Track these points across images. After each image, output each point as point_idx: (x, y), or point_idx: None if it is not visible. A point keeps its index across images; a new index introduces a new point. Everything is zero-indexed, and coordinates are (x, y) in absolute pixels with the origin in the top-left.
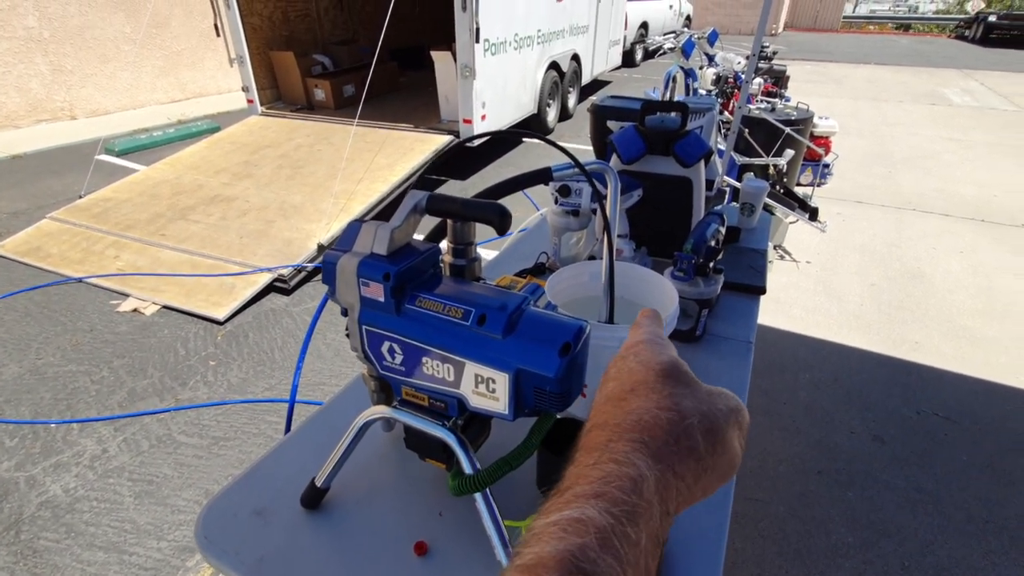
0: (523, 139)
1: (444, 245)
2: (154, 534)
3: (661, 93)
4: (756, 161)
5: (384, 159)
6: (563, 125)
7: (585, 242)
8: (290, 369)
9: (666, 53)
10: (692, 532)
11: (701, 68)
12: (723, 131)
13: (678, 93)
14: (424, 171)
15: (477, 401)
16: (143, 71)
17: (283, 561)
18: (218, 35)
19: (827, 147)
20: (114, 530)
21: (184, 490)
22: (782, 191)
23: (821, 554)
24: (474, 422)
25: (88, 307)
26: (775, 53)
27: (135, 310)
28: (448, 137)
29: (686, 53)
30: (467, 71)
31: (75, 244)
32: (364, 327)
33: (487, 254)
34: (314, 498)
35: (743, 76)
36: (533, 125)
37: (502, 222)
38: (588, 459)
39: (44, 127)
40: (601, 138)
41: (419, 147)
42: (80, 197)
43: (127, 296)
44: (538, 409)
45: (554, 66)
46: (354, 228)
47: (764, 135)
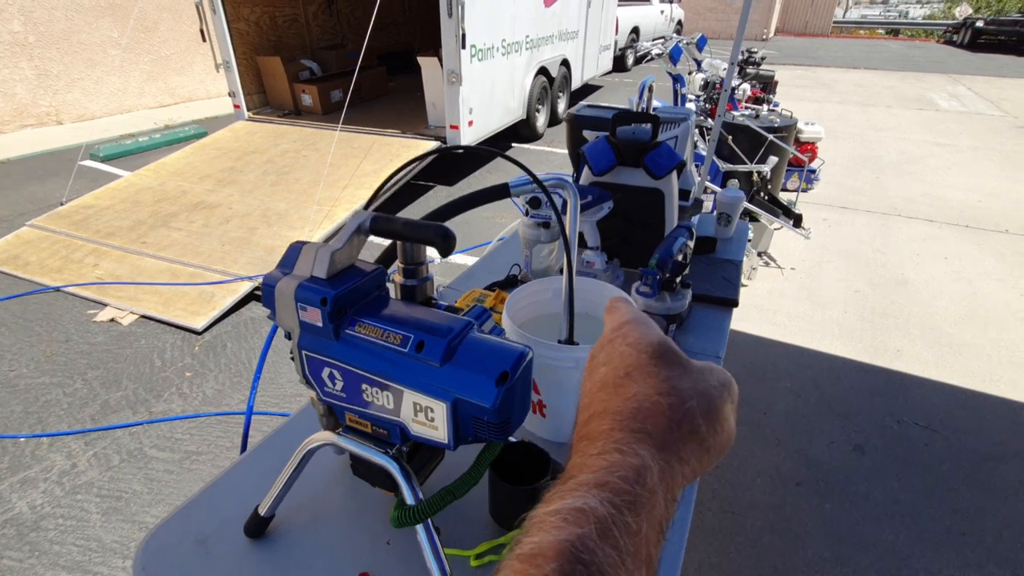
0: (499, 150)
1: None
2: (120, 552)
3: (635, 103)
4: (740, 168)
5: (370, 165)
6: (553, 130)
7: (557, 254)
8: (269, 380)
9: (654, 59)
10: None
11: (691, 74)
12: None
13: (664, 100)
14: (402, 178)
15: (417, 429)
16: (131, 76)
17: None
18: (204, 40)
19: (813, 153)
20: (79, 549)
21: (153, 507)
22: (766, 198)
23: (797, 570)
24: (422, 449)
25: (64, 317)
26: (763, 59)
27: (112, 320)
28: (435, 143)
29: (673, 59)
30: (453, 77)
31: (54, 252)
32: (304, 352)
33: (469, 261)
34: (258, 527)
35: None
36: (522, 130)
37: (444, 244)
38: (591, 448)
39: (29, 132)
40: (577, 148)
41: (405, 153)
42: (61, 204)
43: (105, 305)
44: (478, 438)
45: (543, 71)
46: (295, 249)
47: (748, 142)
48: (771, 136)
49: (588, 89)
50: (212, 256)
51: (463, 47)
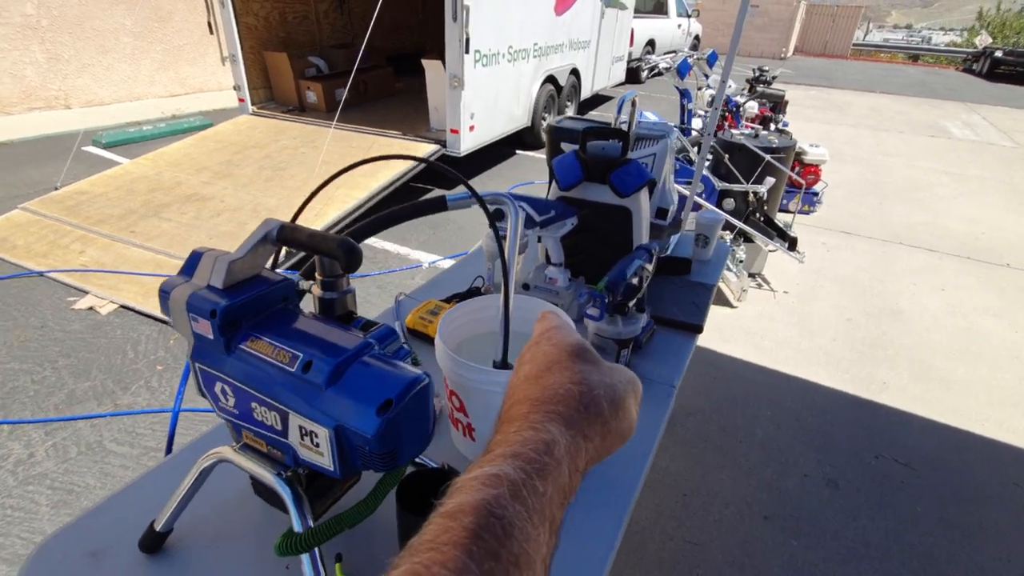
0: (510, 151)
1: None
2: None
3: (614, 119)
4: (736, 187)
5: (367, 165)
6: None
7: (523, 267)
8: None
9: (661, 73)
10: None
11: (700, 89)
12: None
13: (661, 116)
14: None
15: (305, 454)
16: (142, 64)
17: None
18: (211, 33)
19: (816, 175)
20: (23, 542)
21: None
22: (762, 219)
23: None
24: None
25: (44, 303)
26: (774, 77)
27: (91, 308)
28: (434, 146)
29: (681, 73)
30: (455, 81)
31: (42, 236)
32: (197, 364)
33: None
34: (153, 542)
35: (735, 99)
36: (527, 138)
37: (348, 259)
38: (510, 428)
39: (37, 115)
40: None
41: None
42: (56, 188)
43: (85, 293)
44: (367, 467)
45: (551, 80)
46: (196, 255)
47: (746, 161)
48: (768, 157)
49: (599, 99)
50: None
51: (466, 52)
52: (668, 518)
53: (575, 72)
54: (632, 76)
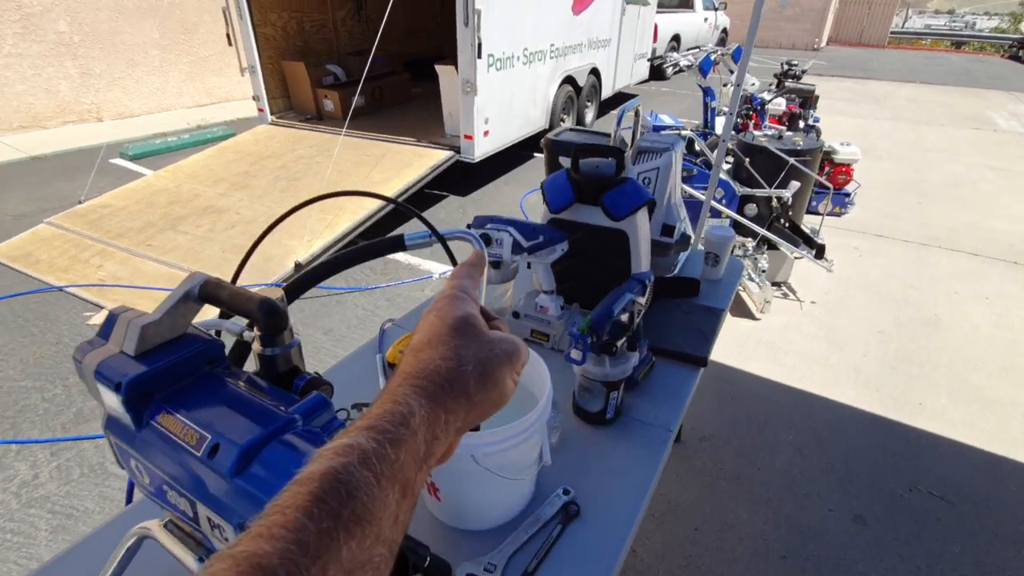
0: (527, 153)
1: None
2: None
3: (613, 130)
4: (758, 192)
5: (380, 173)
6: None
7: (512, 294)
8: None
9: (683, 70)
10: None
11: (726, 86)
12: (734, 158)
13: (677, 119)
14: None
15: (219, 547)
16: (170, 76)
17: None
18: (230, 44)
19: (848, 175)
20: (19, 568)
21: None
22: (786, 225)
23: None
24: None
25: (61, 318)
26: (804, 71)
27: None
28: (448, 153)
29: (703, 71)
30: (468, 87)
31: (65, 251)
32: (110, 436)
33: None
34: None
35: (759, 97)
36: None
37: (267, 323)
38: (378, 400)
39: (70, 129)
40: None
41: (417, 162)
42: (80, 202)
43: (101, 308)
44: None
45: (569, 80)
46: (111, 318)
47: (770, 164)
48: (792, 160)
49: (621, 98)
50: (211, 262)
51: (479, 56)
52: (676, 555)
53: (595, 72)
54: (657, 73)
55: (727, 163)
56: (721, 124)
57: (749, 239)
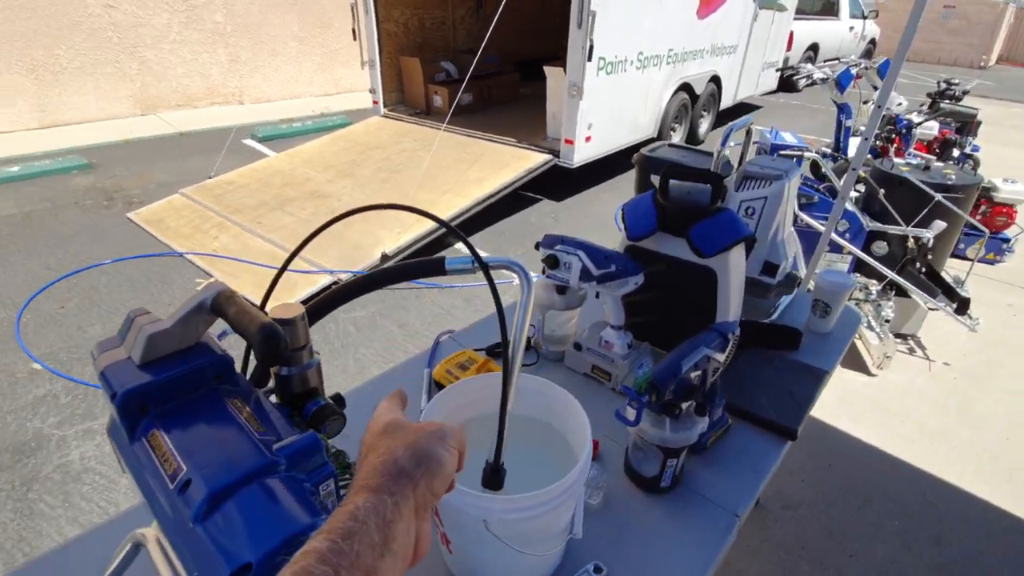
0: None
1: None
2: (125, 524)
3: (716, 151)
4: (892, 230)
5: (476, 172)
6: None
7: (578, 323)
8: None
9: (816, 84)
10: None
11: (865, 103)
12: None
13: (821, 135)
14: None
15: None
16: (304, 66)
17: None
18: (355, 39)
19: (1010, 217)
20: (100, 510)
21: None
22: (923, 270)
23: None
24: None
25: (177, 281)
26: (966, 92)
27: None
28: (547, 156)
29: (841, 85)
30: (575, 90)
31: (190, 220)
32: (111, 440)
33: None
34: None
35: (905, 118)
36: None
37: (264, 348)
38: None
39: (215, 109)
40: None
41: (513, 163)
42: (210, 177)
43: (210, 276)
44: None
45: (686, 87)
46: (129, 319)
47: (911, 198)
48: (939, 196)
49: (743, 108)
50: (309, 246)
51: (589, 59)
52: None
53: (715, 79)
54: (787, 84)
55: (856, 191)
56: (855, 146)
57: (874, 281)
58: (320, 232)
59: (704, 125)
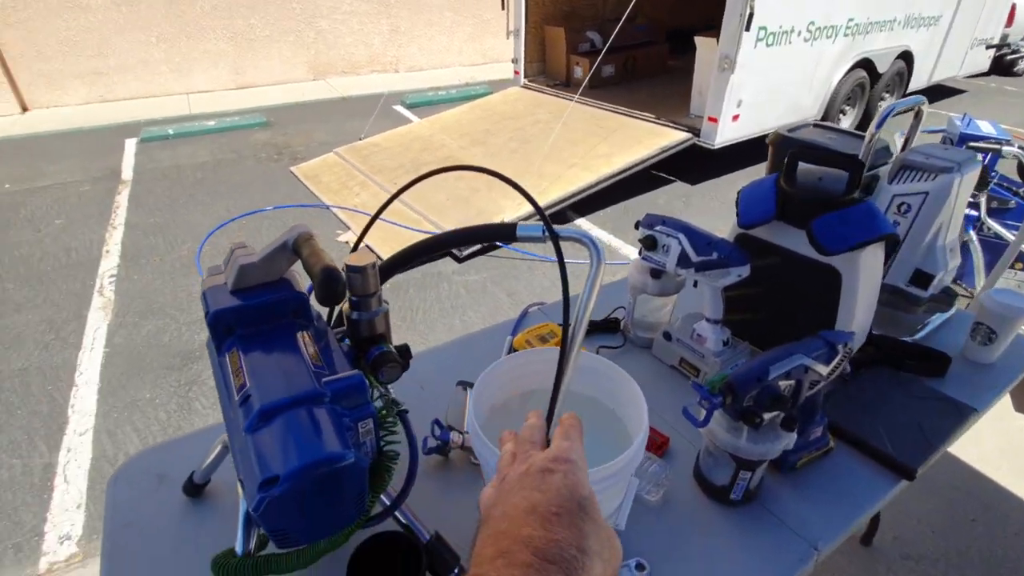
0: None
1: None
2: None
3: (869, 135)
4: None
5: (606, 147)
6: None
7: (673, 310)
8: (424, 333)
9: None
10: None
11: None
12: None
13: (1001, 126)
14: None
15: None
16: (455, 36)
17: (139, 532)
18: (503, 8)
19: None
20: (202, 419)
21: None
22: None
23: None
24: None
25: (322, 231)
26: None
27: (347, 242)
28: (685, 135)
29: None
30: (726, 62)
31: (338, 177)
32: (209, 349)
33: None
34: (194, 489)
35: None
36: None
37: (323, 291)
38: (507, 571)
39: (374, 77)
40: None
41: (647, 140)
42: (360, 139)
43: (348, 229)
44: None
45: (865, 64)
46: (232, 251)
47: None
48: None
49: (941, 91)
50: (435, 207)
51: (747, 29)
52: None
53: (905, 55)
54: (1003, 66)
55: None
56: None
57: None
58: (407, 188)
59: (818, 121)
